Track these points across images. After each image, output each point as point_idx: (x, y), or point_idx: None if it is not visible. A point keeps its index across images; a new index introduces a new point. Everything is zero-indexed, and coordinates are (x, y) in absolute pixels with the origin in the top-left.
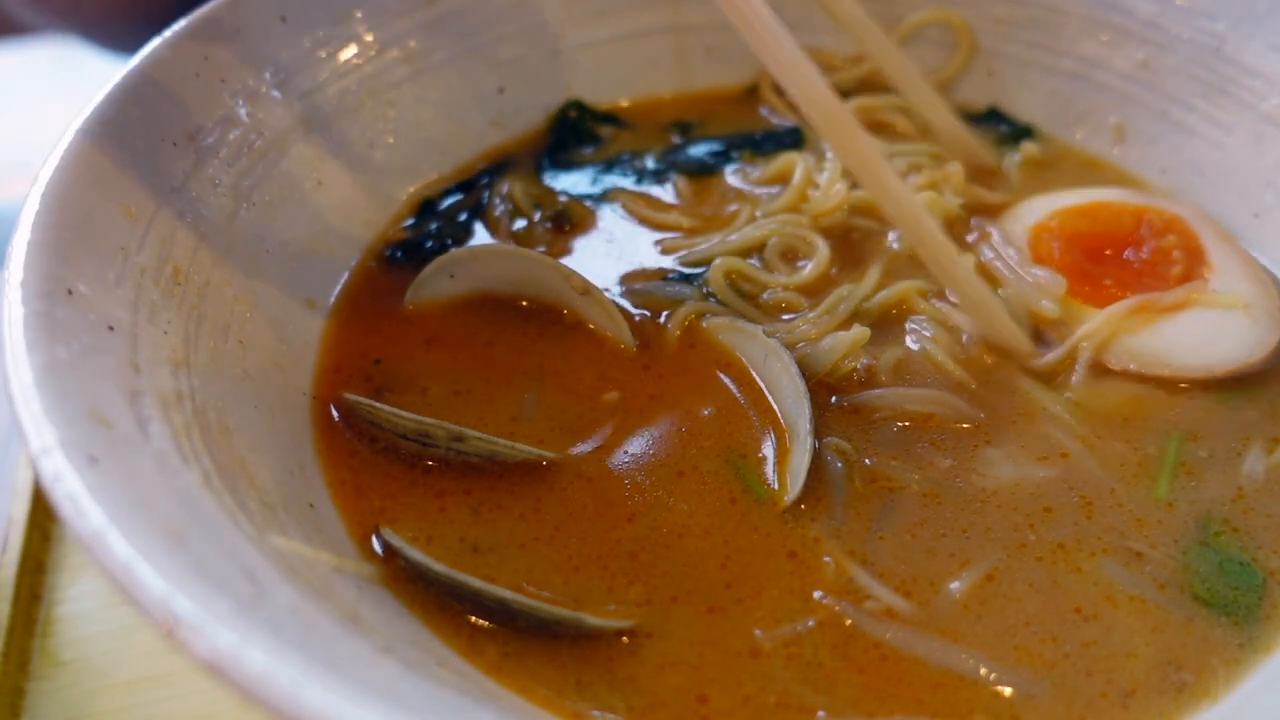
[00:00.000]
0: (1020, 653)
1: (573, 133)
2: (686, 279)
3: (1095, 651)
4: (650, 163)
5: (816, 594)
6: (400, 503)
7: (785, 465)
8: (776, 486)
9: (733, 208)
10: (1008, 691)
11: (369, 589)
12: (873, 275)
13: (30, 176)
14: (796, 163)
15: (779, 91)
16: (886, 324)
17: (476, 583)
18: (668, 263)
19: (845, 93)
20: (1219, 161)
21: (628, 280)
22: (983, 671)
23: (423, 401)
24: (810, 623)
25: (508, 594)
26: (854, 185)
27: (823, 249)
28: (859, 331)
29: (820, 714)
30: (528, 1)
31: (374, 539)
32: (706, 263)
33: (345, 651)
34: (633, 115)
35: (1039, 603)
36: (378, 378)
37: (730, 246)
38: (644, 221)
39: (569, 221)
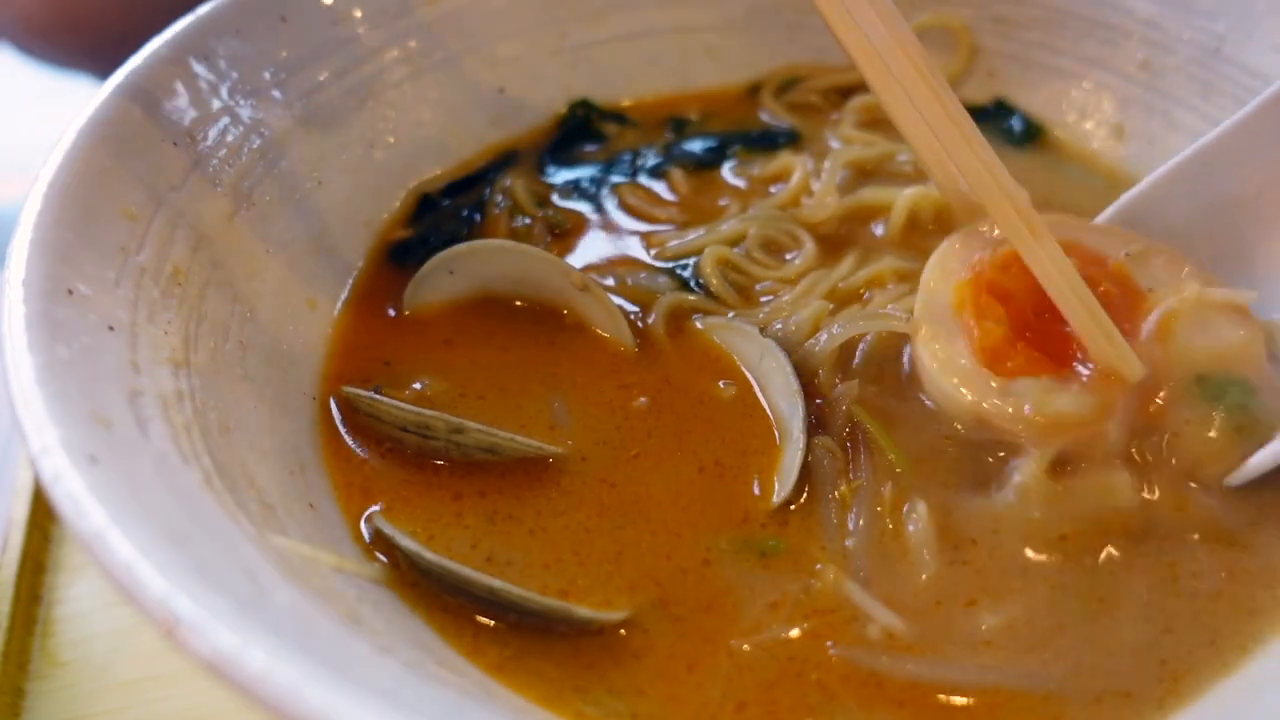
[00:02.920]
0: (1017, 657)
1: (579, 131)
2: (672, 272)
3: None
4: (649, 159)
5: (803, 599)
6: (400, 503)
7: (776, 464)
8: (767, 485)
9: (724, 201)
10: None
11: (369, 589)
12: (849, 259)
13: (30, 177)
14: (795, 165)
15: (778, 95)
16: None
17: (466, 571)
18: (661, 256)
19: (846, 92)
20: None
21: (623, 273)
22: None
23: (424, 401)
24: (797, 629)
25: (497, 583)
26: (846, 194)
27: (808, 241)
28: (818, 305)
29: None
30: (528, 1)
31: (362, 524)
32: (692, 254)
33: (345, 651)
34: (633, 114)
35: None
36: (378, 377)
37: (718, 236)
38: (642, 217)
39: (569, 218)
